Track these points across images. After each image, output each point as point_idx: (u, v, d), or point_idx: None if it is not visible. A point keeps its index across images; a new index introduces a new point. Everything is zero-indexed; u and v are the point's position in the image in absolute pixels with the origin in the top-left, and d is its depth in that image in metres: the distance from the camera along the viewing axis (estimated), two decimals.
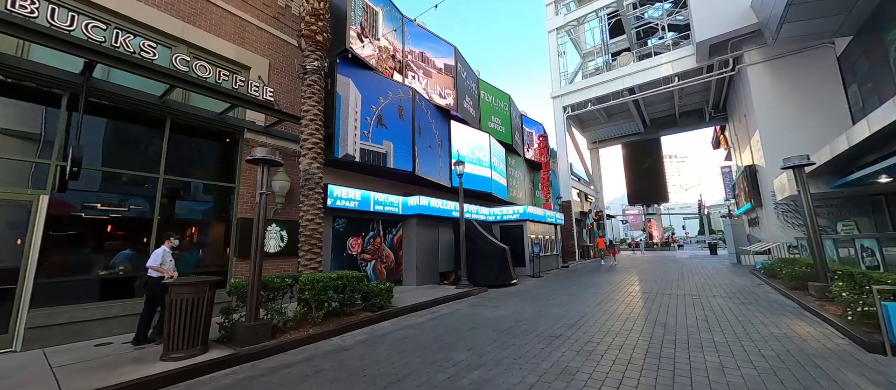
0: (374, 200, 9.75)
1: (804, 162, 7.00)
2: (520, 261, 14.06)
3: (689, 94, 24.03)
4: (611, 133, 30.27)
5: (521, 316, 6.53)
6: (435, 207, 11.34)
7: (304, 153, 6.28)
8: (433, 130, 11.60)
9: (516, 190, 17.94)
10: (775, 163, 15.72)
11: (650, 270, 14.59)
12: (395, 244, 10.82)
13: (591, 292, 9.12)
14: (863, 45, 12.50)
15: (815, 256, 6.76)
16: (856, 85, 13.59)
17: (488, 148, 14.59)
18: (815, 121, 14.85)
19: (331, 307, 5.83)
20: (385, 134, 9.42)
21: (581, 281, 11.70)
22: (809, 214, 6.93)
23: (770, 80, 16.27)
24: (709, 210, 57.49)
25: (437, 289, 9.67)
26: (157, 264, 4.94)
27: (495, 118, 16.33)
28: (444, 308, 7.58)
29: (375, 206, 9.76)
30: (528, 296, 8.71)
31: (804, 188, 7.00)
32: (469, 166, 13.33)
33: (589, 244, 26.90)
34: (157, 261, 4.95)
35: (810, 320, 5.55)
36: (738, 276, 11.41)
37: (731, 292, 8.43)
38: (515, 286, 10.77)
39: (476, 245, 11.01)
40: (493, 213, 14.62)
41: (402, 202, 10.83)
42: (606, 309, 6.92)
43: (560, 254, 18.09)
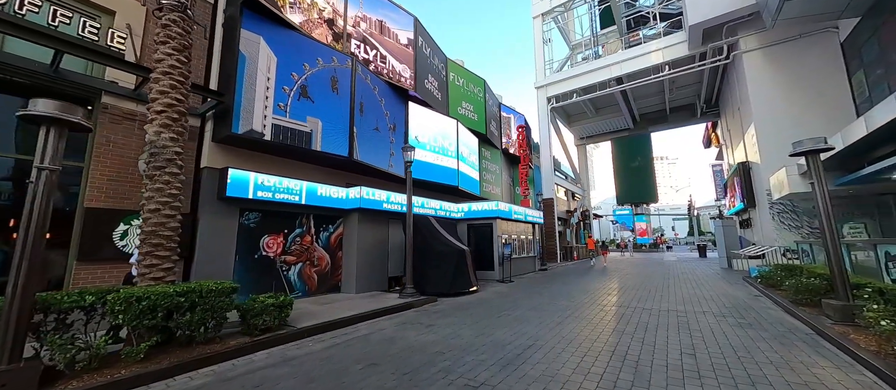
0: (305, 191, 8.04)
1: (820, 146, 5.49)
2: (488, 264, 12.50)
3: (680, 88, 22.70)
4: (599, 128, 28.89)
5: (451, 343, 4.91)
6: (389, 201, 9.66)
7: (151, 118, 4.55)
8: (383, 111, 9.90)
9: (491, 185, 16.35)
10: (771, 159, 14.37)
11: (634, 275, 13.13)
12: (333, 244, 9.13)
13: (558, 304, 7.55)
14: (874, 25, 11.12)
15: (833, 266, 5.26)
16: (862, 72, 12.23)
17: (456, 136, 12.95)
18: (816, 114, 13.50)
19: (174, 334, 4.13)
20: (311, 109, 7.70)
21: (554, 288, 10.15)
22: (826, 212, 5.42)
23: (767, 69, 14.90)
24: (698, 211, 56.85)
25: (377, 299, 8.02)
26: None
27: (466, 104, 14.69)
28: (364, 327, 5.92)
29: (305, 198, 8.05)
30: (479, 311, 7.10)
31: (819, 178, 5.49)
32: (431, 156, 11.68)
33: (574, 245, 25.48)
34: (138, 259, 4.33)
35: (834, 357, 4.02)
36: (730, 285, 9.97)
37: (725, 307, 6.93)
38: (474, 294, 9.17)
39: (429, 246, 9.38)
40: (459, 210, 13.00)
41: (346, 194, 9.13)
42: (567, 332, 5.33)
43: (539, 255, 16.56)
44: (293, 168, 8.31)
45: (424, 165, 11.37)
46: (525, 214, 14.34)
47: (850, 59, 12.81)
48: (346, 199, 9.15)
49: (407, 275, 8.39)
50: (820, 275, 6.69)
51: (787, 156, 12.42)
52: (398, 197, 10.02)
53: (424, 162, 11.39)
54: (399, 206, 9.93)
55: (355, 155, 8.57)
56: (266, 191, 7.24)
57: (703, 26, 15.19)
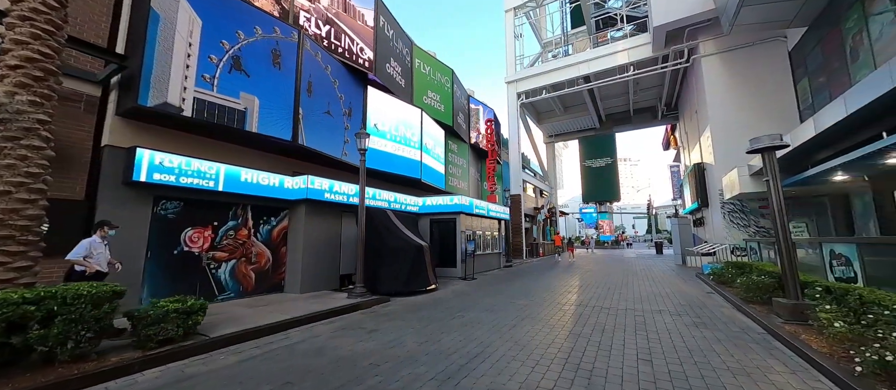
0: (242, 178, 7.07)
1: (776, 143, 5.42)
2: (451, 261, 12.01)
3: (644, 90, 23.38)
4: (567, 127, 29.32)
5: (390, 352, 4.31)
6: (338, 192, 8.84)
7: (1, 74, 3.53)
8: (336, 93, 9.04)
9: (457, 179, 15.87)
10: (724, 160, 14.97)
11: (596, 272, 13.19)
12: (275, 239, 8.20)
13: (517, 304, 7.17)
14: (818, 35, 11.70)
15: (785, 264, 5.20)
16: (806, 80, 12.92)
17: (420, 126, 12.28)
18: (765, 118, 14.17)
19: (25, 352, 3.21)
20: (245, 84, 6.73)
21: (516, 286, 9.83)
22: (779, 209, 5.36)
23: (723, 74, 15.48)
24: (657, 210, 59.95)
25: (322, 300, 7.25)
26: (80, 258, 4.36)
27: (433, 93, 14.05)
28: (295, 334, 5.18)
29: (241, 187, 7.08)
30: (432, 312, 6.55)
31: (775, 176, 5.43)
32: (392, 145, 10.95)
33: (540, 241, 25.72)
34: (80, 254, 4.36)
35: (789, 360, 3.85)
36: (685, 281, 10.13)
37: (680, 305, 6.85)
38: (432, 293, 8.62)
39: (384, 241, 8.69)
40: (417, 204, 12.39)
41: (291, 183, 8.22)
42: (521, 336, 4.90)
43: (504, 252, 16.33)
44: (226, 151, 7.30)
45: (384, 155, 10.64)
46: (490, 210, 13.99)
47: (797, 67, 13.52)
48: (292, 189, 8.24)
49: (358, 273, 7.68)
50: (769, 272, 6.76)
51: (742, 154, 12.78)
52: (353, 188, 9.25)
53: (384, 152, 10.65)
54: (354, 198, 9.17)
55: (301, 139, 7.69)
56: (188, 177, 6.23)
57: (667, 28, 15.50)
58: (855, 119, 6.60)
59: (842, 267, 5.67)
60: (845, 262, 5.58)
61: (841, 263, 5.68)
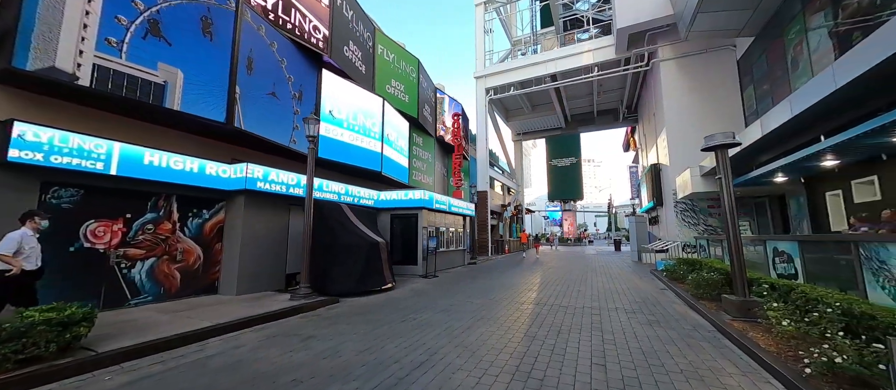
0: (159, 164, 6.10)
1: (729, 141, 5.44)
2: (412, 258, 11.51)
3: (607, 91, 24.09)
4: (535, 125, 29.67)
5: (321, 365, 3.75)
6: (283, 182, 8.03)
7: None
8: (284, 74, 8.18)
9: (422, 173, 15.36)
10: (679, 161, 15.65)
11: (557, 268, 13.27)
12: (208, 234, 7.27)
13: (474, 303, 6.83)
14: (763, 45, 12.41)
15: (734, 262, 5.23)
16: (752, 87, 13.73)
17: (381, 116, 11.62)
18: (717, 122, 14.90)
19: None
20: (166, 54, 5.78)
21: (477, 284, 9.53)
22: (730, 207, 5.39)
23: (679, 79, 16.15)
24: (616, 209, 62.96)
25: (259, 303, 6.48)
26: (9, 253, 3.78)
27: (397, 83, 13.40)
28: (215, 345, 4.46)
29: (160, 174, 6.12)
30: (382, 314, 6.03)
31: (726, 173, 5.45)
32: (349, 135, 10.22)
33: (506, 238, 25.87)
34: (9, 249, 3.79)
35: (739, 360, 3.76)
36: (640, 277, 10.35)
37: (635, 302, 6.84)
38: (387, 293, 8.08)
39: (336, 237, 8.02)
40: (377, 198, 11.77)
41: (229, 172, 7.31)
42: (473, 340, 4.53)
43: (468, 248, 16.08)
44: (144, 132, 6.29)
45: (340, 145, 9.89)
46: (452, 205, 13.62)
47: (744, 75, 14.33)
48: (229, 178, 7.34)
49: (303, 272, 6.96)
50: (717, 269, 6.91)
51: (695, 156, 13.23)
52: (301, 178, 8.48)
53: (340, 141, 9.90)
54: (304, 190, 8.41)
55: (238, 122, 6.81)
56: (96, 161, 5.23)
57: (629, 31, 15.90)
58: (798, 121, 6.88)
59: (784, 263, 5.85)
60: (787, 259, 5.74)
61: (783, 260, 5.85)
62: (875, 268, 3.86)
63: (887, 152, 6.61)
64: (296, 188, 8.22)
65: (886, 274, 3.70)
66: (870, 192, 7.88)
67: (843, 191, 8.55)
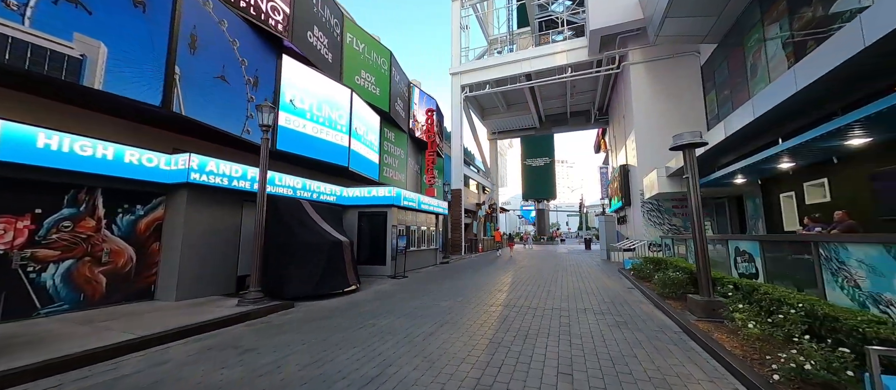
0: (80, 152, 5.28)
1: (697, 140, 5.41)
2: (381, 258, 11.01)
3: (580, 93, 24.52)
4: (510, 124, 29.81)
5: (256, 384, 3.26)
6: (235, 176, 7.31)
7: None
8: (236, 56, 7.45)
9: (393, 170, 14.84)
10: (647, 162, 16.09)
11: (529, 267, 13.21)
12: (143, 232, 6.46)
13: (441, 306, 6.48)
14: (725, 52, 12.90)
15: (699, 262, 5.19)
16: (714, 92, 14.28)
17: (349, 108, 11.01)
18: (681, 125, 15.41)
19: None
20: (84, 23, 4.99)
21: (446, 285, 9.20)
22: (697, 207, 5.36)
23: (648, 82, 16.59)
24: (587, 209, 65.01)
25: (201, 310, 5.80)
26: None
27: (367, 74, 12.81)
28: (133, 361, 3.83)
29: (81, 164, 5.30)
30: (339, 321, 5.55)
31: (694, 173, 5.42)
32: (312, 126, 9.56)
33: (481, 237, 25.79)
34: None
35: (706, 364, 3.64)
36: (608, 276, 10.42)
37: (603, 302, 6.76)
38: (350, 295, 7.58)
39: (294, 236, 7.41)
40: (341, 194, 11.18)
41: (170, 163, 6.52)
42: (434, 349, 4.17)
43: (440, 248, 15.75)
44: (66, 115, 5.44)
45: (303, 138, 9.23)
46: (421, 202, 13.22)
47: (707, 81, 14.90)
48: (169, 171, 6.56)
49: (253, 274, 6.33)
50: (682, 269, 6.96)
51: (662, 157, 13.46)
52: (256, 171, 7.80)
53: (303, 133, 9.24)
54: None
55: (178, 107, 6.06)
56: None
57: (601, 33, 16.13)
58: (759, 124, 7.06)
59: (745, 263, 5.92)
60: (748, 259, 5.82)
61: (745, 260, 5.92)
62: (834, 269, 3.86)
63: (838, 155, 6.90)
64: (246, 182, 7.51)
65: (845, 274, 3.70)
66: (820, 194, 8.27)
67: (796, 192, 8.95)
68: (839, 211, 5.98)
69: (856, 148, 6.25)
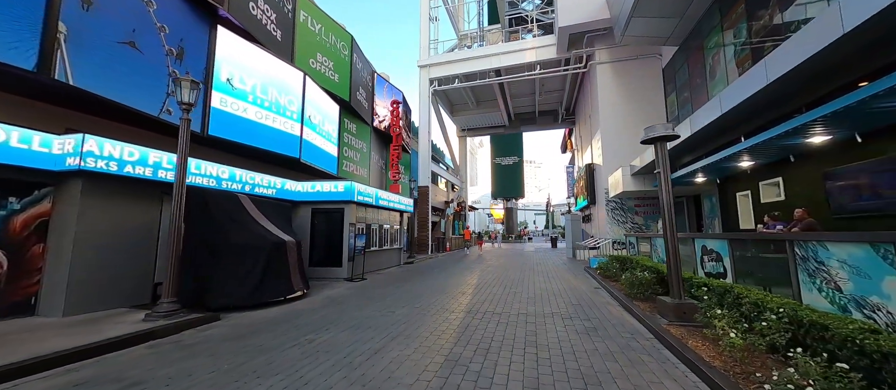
0: None
1: (669, 133, 5.09)
2: (337, 259, 10.06)
3: (548, 92, 24.67)
4: (479, 122, 29.53)
5: None
6: (149, 163, 6.11)
7: None
8: (152, 20, 6.23)
9: (355, 164, 13.83)
10: (612, 161, 16.26)
11: (497, 267, 12.79)
12: (18, 232, 5.15)
13: (396, 314, 5.76)
14: (686, 54, 13.20)
15: (670, 262, 4.87)
16: (674, 94, 14.66)
17: (302, 94, 9.93)
18: (644, 125, 15.79)
19: None
20: None
21: (407, 288, 8.48)
22: (668, 203, 5.05)
23: (613, 82, 16.79)
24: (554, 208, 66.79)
25: (93, 327, 4.66)
26: None
27: (325, 58, 11.73)
28: None
29: None
30: (269, 338, 4.67)
31: (665, 167, 5.10)
32: (255, 111, 8.43)
33: (449, 236, 25.25)
34: None
35: (685, 380, 3.22)
36: (575, 276, 10.20)
37: (571, 304, 6.37)
38: (293, 303, 6.64)
39: (225, 236, 6.34)
40: (280, 188, 10.11)
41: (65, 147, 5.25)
42: (377, 371, 3.45)
43: (405, 247, 14.97)
44: None
45: (244, 123, 8.09)
46: (379, 197, 12.38)
47: (667, 83, 15.27)
48: (57, 155, 5.29)
49: (166, 282, 5.24)
50: (650, 268, 6.74)
51: (627, 156, 13.41)
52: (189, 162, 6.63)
53: (243, 118, 8.10)
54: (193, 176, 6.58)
55: (63, 74, 4.83)
56: None
57: (570, 31, 16.09)
58: (724, 121, 6.99)
59: (713, 262, 5.74)
60: (716, 258, 5.63)
61: (712, 259, 5.74)
62: (812, 269, 3.61)
63: (796, 153, 6.98)
64: (167, 171, 6.33)
65: (825, 275, 3.44)
66: (774, 193, 8.46)
67: (752, 191, 9.16)
68: (799, 209, 5.97)
69: (815, 146, 6.29)
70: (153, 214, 6.47)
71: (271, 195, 9.07)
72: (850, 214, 6.15)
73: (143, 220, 6.29)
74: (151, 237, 6.42)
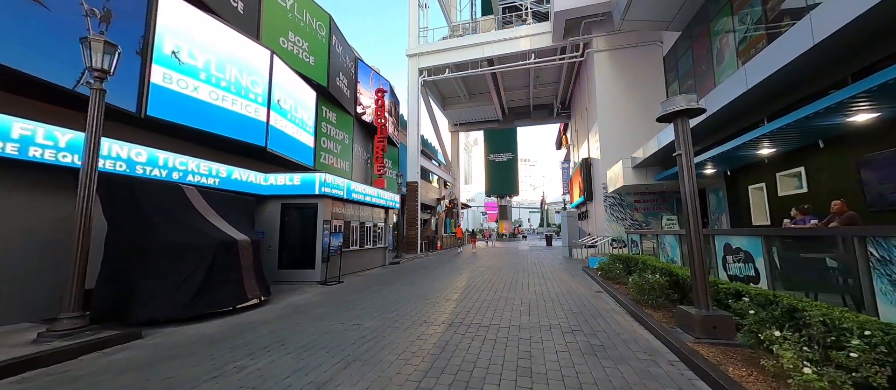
0: None
1: (692, 105, 4.17)
2: (310, 260, 9.03)
3: (543, 85, 23.79)
4: (472, 116, 28.56)
5: None
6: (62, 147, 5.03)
7: None
8: None
9: (335, 157, 12.78)
10: (610, 154, 15.36)
11: (488, 267, 11.86)
12: None
13: (363, 328, 4.77)
14: (690, 38, 12.34)
15: (694, 264, 3.95)
16: (676, 83, 13.82)
17: (268, 74, 8.85)
18: (644, 116, 14.87)
19: None
20: None
21: (384, 293, 7.49)
22: (692, 194, 4.13)
23: (611, 71, 15.92)
24: (548, 206, 66.17)
25: None
26: None
27: (298, 38, 10.64)
28: None
29: None
30: (191, 362, 3.66)
31: (687, 145, 4.20)
32: (208, 90, 7.35)
33: (441, 234, 24.27)
34: None
35: None
36: (573, 277, 9.29)
37: (571, 313, 5.44)
38: (243, 314, 5.61)
39: (156, 235, 5.26)
40: (258, 183, 9.06)
41: None
42: None
43: (391, 246, 13.95)
44: None
45: (194, 104, 7.01)
46: (355, 191, 11.35)
47: (668, 71, 14.43)
48: None
49: (67, 291, 4.19)
50: (660, 269, 5.84)
51: (625, 148, 12.39)
52: (117, 146, 5.59)
53: (194, 98, 7.02)
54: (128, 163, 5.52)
55: None
56: None
57: (566, 16, 15.17)
58: (747, 98, 6.11)
59: (739, 264, 4.84)
60: (744, 259, 4.73)
61: (738, 259, 4.84)
62: None
63: (828, 138, 6.12)
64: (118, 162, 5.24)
65: None
66: (793, 185, 7.62)
67: (767, 183, 8.32)
68: (837, 201, 5.10)
69: (854, 128, 5.42)
70: (66, 209, 5.37)
71: (232, 189, 7.98)
72: (891, 207, 5.30)
73: (51, 216, 5.20)
74: (63, 236, 5.32)
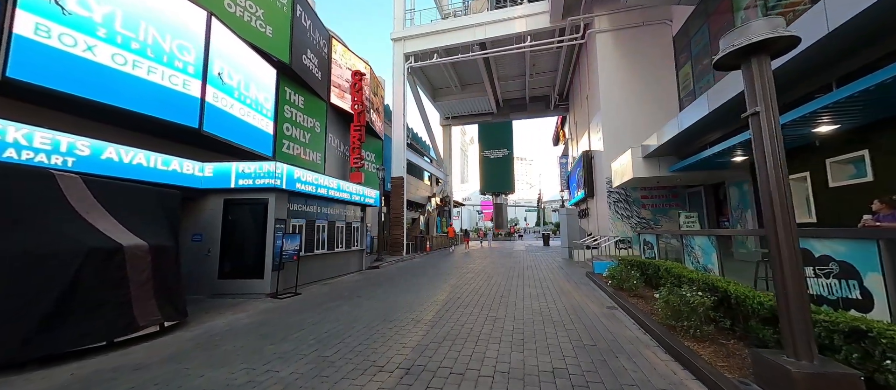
0: None
1: (779, 33, 2.65)
2: (258, 269, 7.44)
3: (540, 74, 22.30)
4: (465, 108, 27.02)
5: None
6: None
7: None
8: None
9: (303, 147, 11.16)
10: (614, 145, 13.85)
11: (478, 272, 10.32)
12: None
13: (279, 377, 3.20)
14: (706, 14, 10.89)
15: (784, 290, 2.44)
16: (689, 65, 12.33)
17: (204, 41, 7.23)
18: (652, 102, 13.39)
19: None
20: None
21: (341, 312, 5.94)
22: (777, 178, 2.62)
23: (614, 53, 14.42)
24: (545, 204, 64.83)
25: None
26: None
27: (249, 3, 9.01)
28: None
29: None
30: None
31: (769, 94, 2.67)
32: (111, 52, 5.73)
33: (432, 234, 22.72)
34: None
35: None
36: (577, 287, 7.78)
37: (580, 350, 3.93)
38: (126, 349, 4.03)
39: None
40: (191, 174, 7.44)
41: None
42: None
43: (369, 248, 12.38)
44: None
45: (84, 67, 5.38)
46: (323, 187, 9.76)
47: (679, 53, 12.97)
48: None
49: None
50: (698, 281, 4.35)
51: (630, 138, 10.80)
52: None
53: (89, 61, 5.39)
54: None
55: None
56: None
57: None
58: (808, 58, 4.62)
59: (828, 279, 3.33)
60: (840, 274, 3.21)
61: (830, 274, 3.32)
62: None
63: None
64: None
65: None
66: (848, 173, 6.17)
67: (812, 173, 6.86)
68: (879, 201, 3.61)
69: None
70: None
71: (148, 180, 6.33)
72: None
73: None
74: None
